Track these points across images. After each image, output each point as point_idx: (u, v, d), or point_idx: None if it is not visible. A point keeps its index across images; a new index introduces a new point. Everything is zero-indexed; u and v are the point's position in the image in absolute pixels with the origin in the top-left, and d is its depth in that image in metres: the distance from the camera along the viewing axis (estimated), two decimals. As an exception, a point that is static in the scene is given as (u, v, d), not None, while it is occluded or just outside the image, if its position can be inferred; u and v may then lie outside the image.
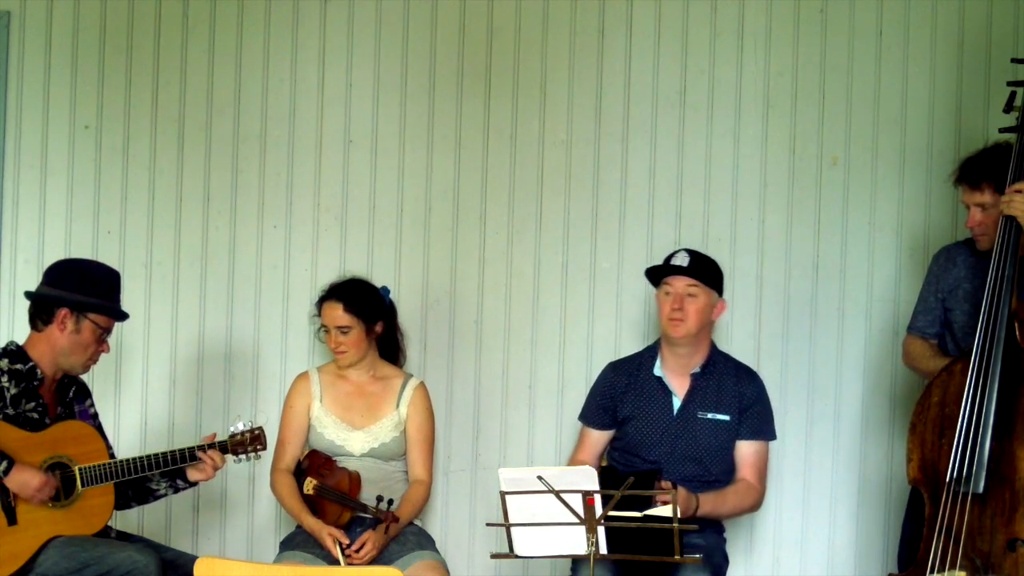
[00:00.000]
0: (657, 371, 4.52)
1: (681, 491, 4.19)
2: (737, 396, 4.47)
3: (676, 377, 4.51)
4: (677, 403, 4.48)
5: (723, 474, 4.45)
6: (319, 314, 4.66)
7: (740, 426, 4.47)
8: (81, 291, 4.24)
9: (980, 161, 4.30)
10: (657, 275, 4.50)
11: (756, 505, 4.53)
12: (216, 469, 4.29)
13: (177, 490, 4.38)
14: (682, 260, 4.43)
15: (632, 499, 3.81)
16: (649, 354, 4.59)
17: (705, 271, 4.44)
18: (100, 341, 4.30)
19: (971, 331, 4.23)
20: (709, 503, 4.33)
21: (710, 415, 4.45)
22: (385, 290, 4.74)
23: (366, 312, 4.62)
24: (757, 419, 4.49)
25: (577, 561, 4.24)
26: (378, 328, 4.67)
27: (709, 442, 4.44)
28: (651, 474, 4.20)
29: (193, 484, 4.35)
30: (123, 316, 4.36)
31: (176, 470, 4.28)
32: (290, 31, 5.16)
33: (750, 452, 4.48)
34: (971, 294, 4.36)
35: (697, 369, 4.49)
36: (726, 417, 4.45)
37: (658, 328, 4.59)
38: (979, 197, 4.28)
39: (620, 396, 4.55)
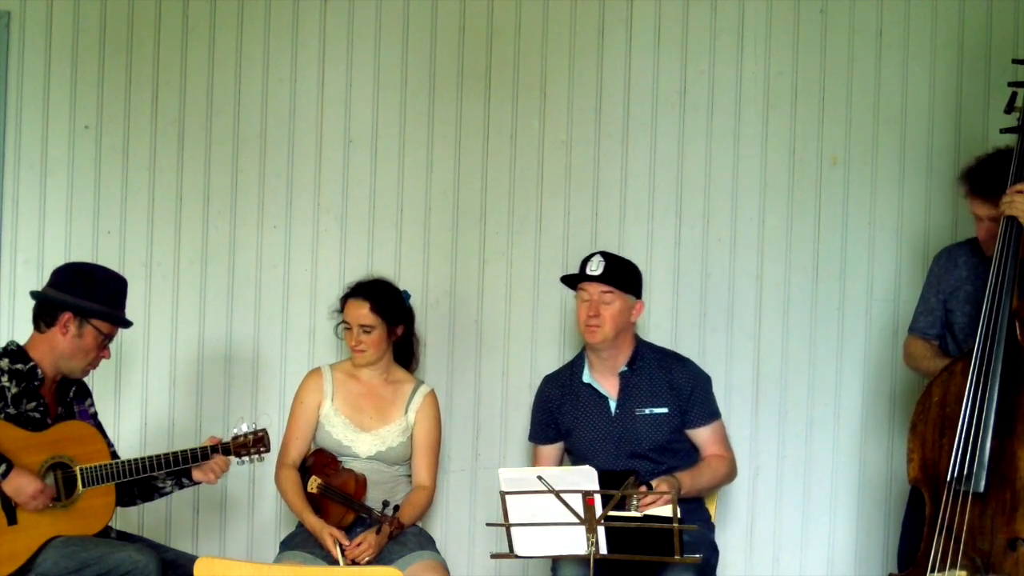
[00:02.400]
0: (586, 378, 4.53)
1: (662, 480, 4.22)
2: (669, 386, 4.48)
3: (606, 379, 4.52)
4: (613, 405, 4.49)
5: (676, 465, 4.44)
6: (341, 310, 4.65)
7: (685, 415, 4.48)
8: (86, 296, 4.24)
9: (992, 172, 4.21)
10: (573, 280, 4.52)
11: (732, 472, 4.55)
12: (220, 474, 4.29)
13: (182, 487, 4.38)
14: (596, 266, 4.44)
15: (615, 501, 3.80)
16: (578, 362, 4.60)
17: (619, 276, 4.44)
18: (102, 347, 4.30)
19: (971, 332, 4.23)
20: (687, 479, 4.34)
21: (647, 410, 4.46)
22: (406, 294, 4.73)
23: (391, 314, 4.62)
24: (701, 404, 4.50)
25: (558, 560, 4.24)
26: (399, 331, 4.67)
27: (652, 437, 4.44)
28: (625, 475, 4.19)
29: (197, 483, 4.35)
30: (127, 324, 4.36)
31: (182, 469, 4.29)
32: (290, 31, 5.16)
33: (707, 435, 4.50)
34: (972, 295, 4.35)
35: (624, 368, 4.50)
36: (664, 410, 4.46)
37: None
38: (994, 210, 4.18)
39: (557, 408, 4.57)
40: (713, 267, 5.10)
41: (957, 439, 4.00)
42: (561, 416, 4.56)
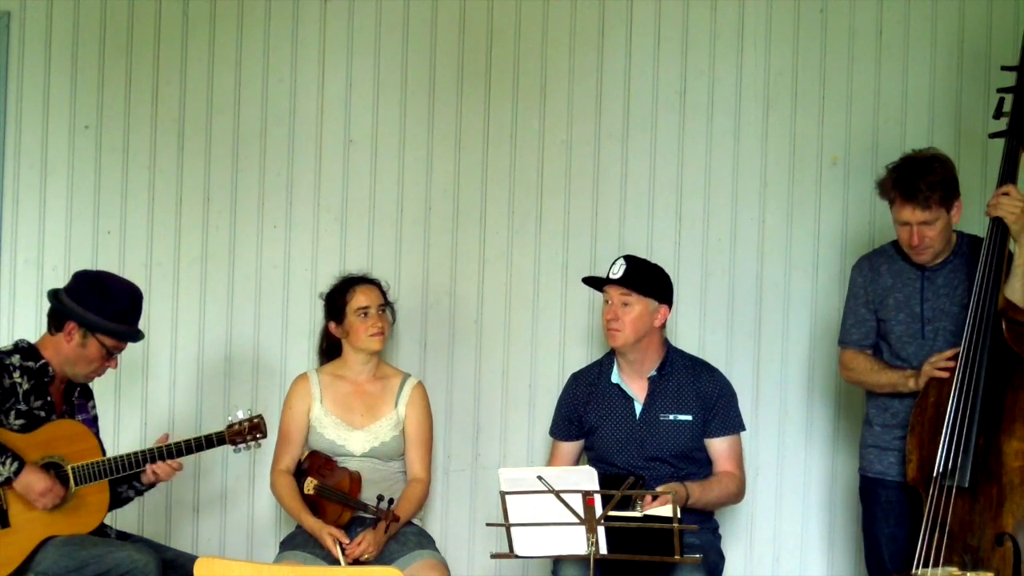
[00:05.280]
0: (615, 378, 4.53)
1: (674, 485, 4.22)
2: (696, 394, 4.48)
3: (634, 382, 4.52)
4: (639, 407, 4.49)
5: (694, 472, 4.45)
6: (347, 303, 4.66)
7: (707, 424, 4.48)
8: (95, 310, 4.23)
9: (923, 179, 4.21)
10: (597, 283, 4.52)
11: (740, 492, 4.54)
12: (166, 473, 4.25)
13: (140, 493, 4.38)
14: (617, 270, 4.44)
15: (618, 502, 3.80)
16: (607, 361, 4.60)
17: (640, 280, 4.43)
18: (107, 357, 4.30)
19: (910, 339, 4.32)
20: (696, 492, 4.34)
21: (672, 416, 4.46)
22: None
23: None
24: (723, 414, 4.50)
25: (558, 561, 4.24)
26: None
27: (674, 443, 4.44)
28: (626, 476, 4.18)
29: (151, 486, 4.34)
30: (134, 339, 4.35)
31: (134, 474, 4.27)
32: (290, 31, 5.16)
33: (724, 448, 4.49)
34: (903, 302, 4.37)
35: (654, 372, 4.50)
36: (688, 417, 4.46)
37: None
38: (928, 215, 4.22)
39: (583, 406, 4.57)
40: (713, 267, 5.10)
41: (944, 434, 4.04)
42: (586, 414, 4.55)
